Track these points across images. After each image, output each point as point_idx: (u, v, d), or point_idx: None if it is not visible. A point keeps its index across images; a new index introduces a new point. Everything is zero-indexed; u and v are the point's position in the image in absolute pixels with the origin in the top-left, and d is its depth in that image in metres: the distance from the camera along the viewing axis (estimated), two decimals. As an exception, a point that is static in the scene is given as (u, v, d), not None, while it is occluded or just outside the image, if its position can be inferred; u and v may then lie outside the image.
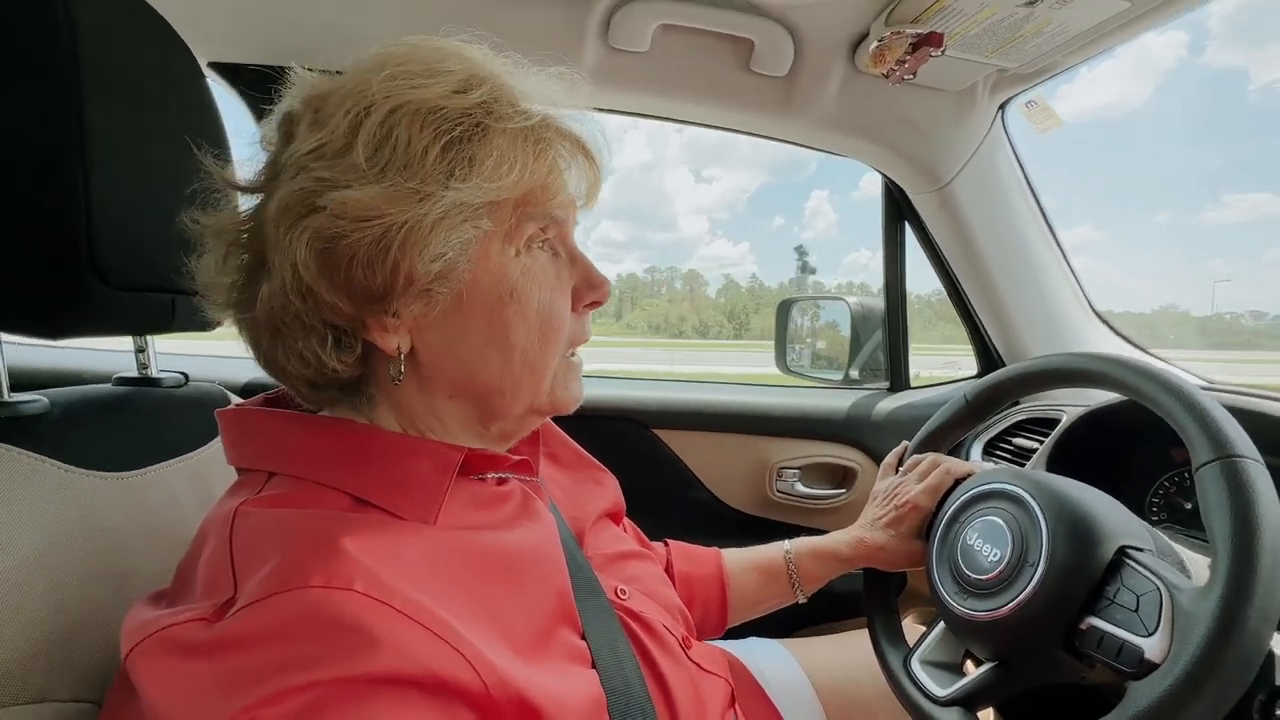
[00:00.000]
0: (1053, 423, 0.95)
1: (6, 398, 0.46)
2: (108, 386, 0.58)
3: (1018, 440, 0.99)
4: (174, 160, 0.49)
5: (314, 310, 0.41)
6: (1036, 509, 0.57)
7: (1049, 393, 0.95)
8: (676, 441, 1.15)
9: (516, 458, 0.50)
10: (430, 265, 0.41)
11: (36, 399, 0.47)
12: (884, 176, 1.11)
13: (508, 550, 0.44)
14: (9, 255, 0.43)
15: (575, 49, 0.84)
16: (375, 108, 0.40)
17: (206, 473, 0.58)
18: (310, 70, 0.44)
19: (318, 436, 0.43)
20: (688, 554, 0.77)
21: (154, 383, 0.61)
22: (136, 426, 0.55)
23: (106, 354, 1.12)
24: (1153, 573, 0.50)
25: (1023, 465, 0.93)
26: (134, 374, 0.61)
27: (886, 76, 0.81)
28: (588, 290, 0.50)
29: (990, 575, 0.57)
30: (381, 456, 0.43)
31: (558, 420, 0.68)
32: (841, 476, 1.19)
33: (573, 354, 0.51)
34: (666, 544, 0.77)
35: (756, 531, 1.17)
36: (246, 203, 0.45)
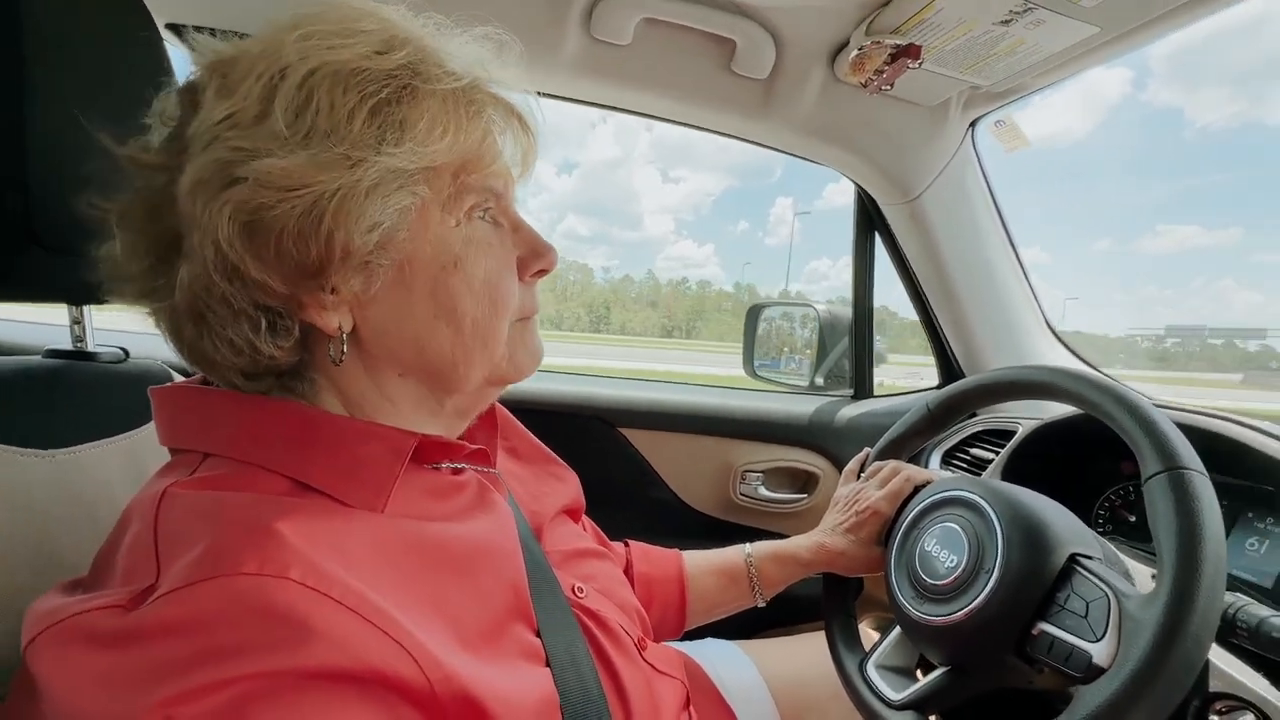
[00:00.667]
0: (1008, 434, 0.98)
1: None
2: (37, 359, 0.54)
3: (975, 450, 1.01)
4: (125, 124, 0.46)
5: (242, 291, 0.38)
6: (993, 516, 0.59)
7: (1006, 405, 0.99)
8: (641, 441, 1.14)
9: (473, 446, 0.49)
10: (368, 235, 0.39)
11: None
12: (856, 185, 1.13)
13: (460, 542, 0.42)
14: None
15: (556, 37, 0.83)
16: (290, 70, 0.37)
17: (143, 455, 0.54)
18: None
19: (259, 417, 0.41)
20: (648, 555, 0.77)
21: (89, 357, 0.57)
22: (68, 403, 0.51)
23: (40, 327, 1.06)
24: (1101, 580, 0.51)
25: (979, 475, 0.95)
26: (68, 347, 0.57)
27: (864, 86, 0.82)
28: (534, 258, 0.48)
29: (947, 581, 0.58)
30: (328, 440, 0.41)
31: (522, 414, 0.67)
32: (804, 481, 1.20)
33: (526, 318, 0.50)
34: (627, 544, 0.77)
35: (718, 534, 1.17)
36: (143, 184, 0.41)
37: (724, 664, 0.81)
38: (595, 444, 1.12)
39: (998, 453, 0.96)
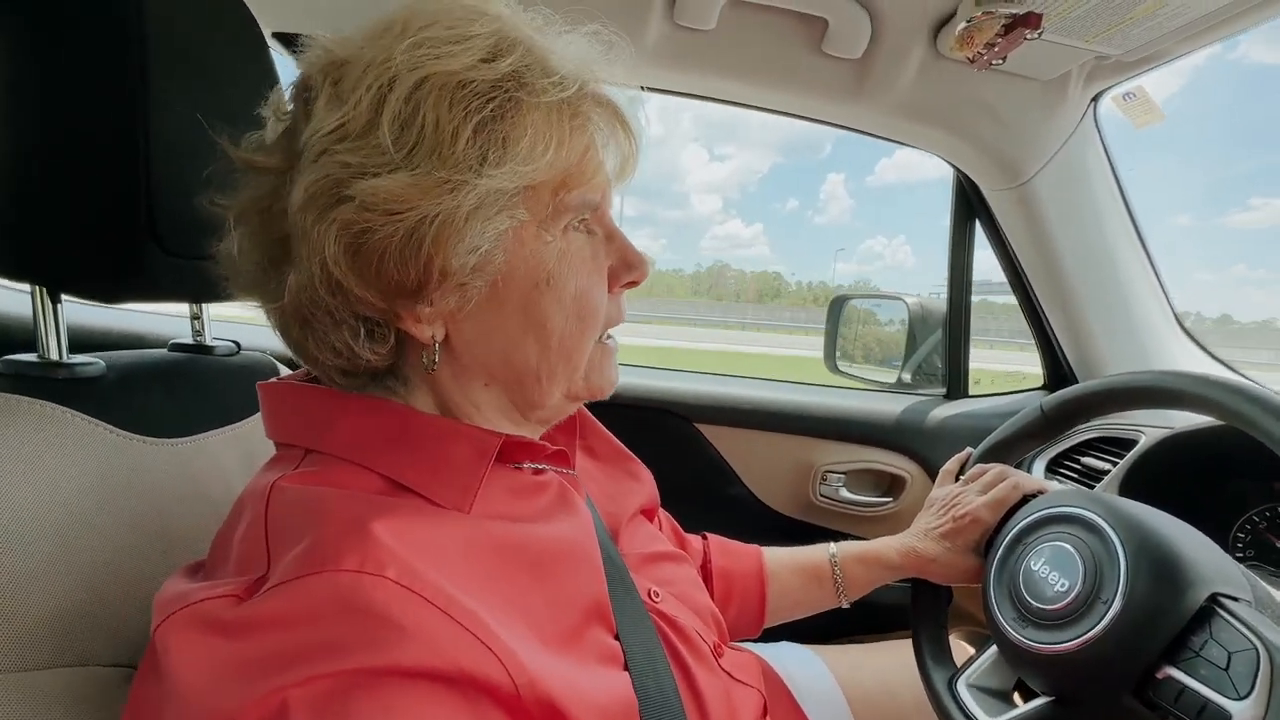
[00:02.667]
0: (1127, 443, 0.89)
1: (65, 359, 0.47)
2: (163, 352, 0.59)
3: (1087, 460, 0.93)
4: (237, 129, 0.49)
5: (344, 305, 0.39)
6: (1115, 540, 0.53)
7: (1126, 411, 0.89)
8: (718, 437, 1.12)
9: (554, 448, 0.49)
10: (465, 259, 0.39)
11: (94, 362, 0.48)
12: (956, 170, 1.05)
13: (543, 544, 0.42)
14: (73, 220, 0.44)
15: (638, 24, 0.81)
16: (399, 81, 0.37)
17: (252, 443, 0.58)
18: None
19: (355, 416, 0.42)
20: (727, 549, 0.75)
21: (207, 350, 0.62)
22: (188, 394, 0.55)
23: (166, 319, 1.16)
24: (1250, 629, 0.45)
25: (1091, 487, 0.87)
26: (189, 341, 0.62)
27: (972, 61, 0.75)
28: (625, 270, 0.47)
29: (1056, 606, 0.54)
30: (418, 439, 0.42)
31: (599, 409, 0.67)
32: (889, 484, 1.14)
33: (608, 337, 0.49)
34: (705, 538, 0.75)
35: (796, 535, 1.13)
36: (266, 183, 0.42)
37: (799, 669, 0.78)
38: (672, 440, 1.11)
39: (1115, 464, 0.87)
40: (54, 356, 0.46)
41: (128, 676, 0.41)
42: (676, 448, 1.12)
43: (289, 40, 0.88)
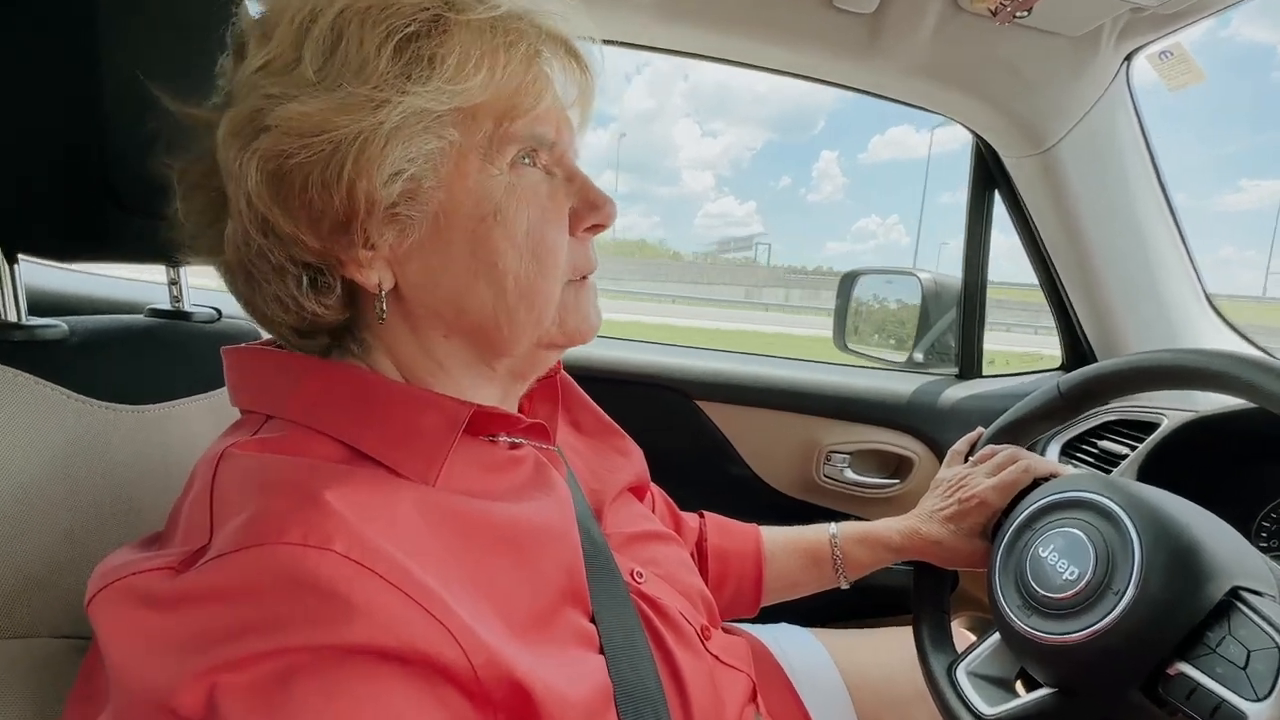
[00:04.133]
0: (1148, 426, 0.85)
1: (24, 321, 0.45)
2: (138, 317, 0.58)
3: (1104, 443, 0.89)
4: (197, 84, 0.46)
5: (278, 246, 0.37)
6: (1130, 527, 0.50)
7: (1148, 393, 0.85)
8: (720, 414, 1.09)
9: (530, 420, 0.46)
10: (390, 185, 0.36)
11: (55, 324, 0.46)
12: (975, 136, 0.99)
13: (514, 522, 0.41)
14: (26, 178, 0.42)
15: None
16: (322, 12, 0.36)
17: (229, 412, 0.57)
18: None
19: (316, 379, 0.40)
20: (724, 528, 0.74)
21: (185, 316, 0.60)
22: (163, 360, 0.54)
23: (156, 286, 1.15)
24: (1273, 626, 0.42)
25: (1107, 472, 0.84)
26: (166, 307, 0.61)
27: (994, 14, 0.70)
28: (588, 211, 0.44)
29: (1063, 595, 0.52)
30: (383, 405, 0.40)
31: (596, 382, 0.65)
32: (896, 466, 1.11)
33: (583, 278, 0.46)
34: (702, 516, 0.74)
35: (798, 515, 1.10)
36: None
37: (796, 652, 0.77)
38: (671, 416, 1.09)
39: (1133, 448, 0.84)
40: (11, 318, 0.45)
41: (81, 648, 0.40)
42: (676, 424, 1.09)
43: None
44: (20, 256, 0.46)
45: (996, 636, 0.60)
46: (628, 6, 0.76)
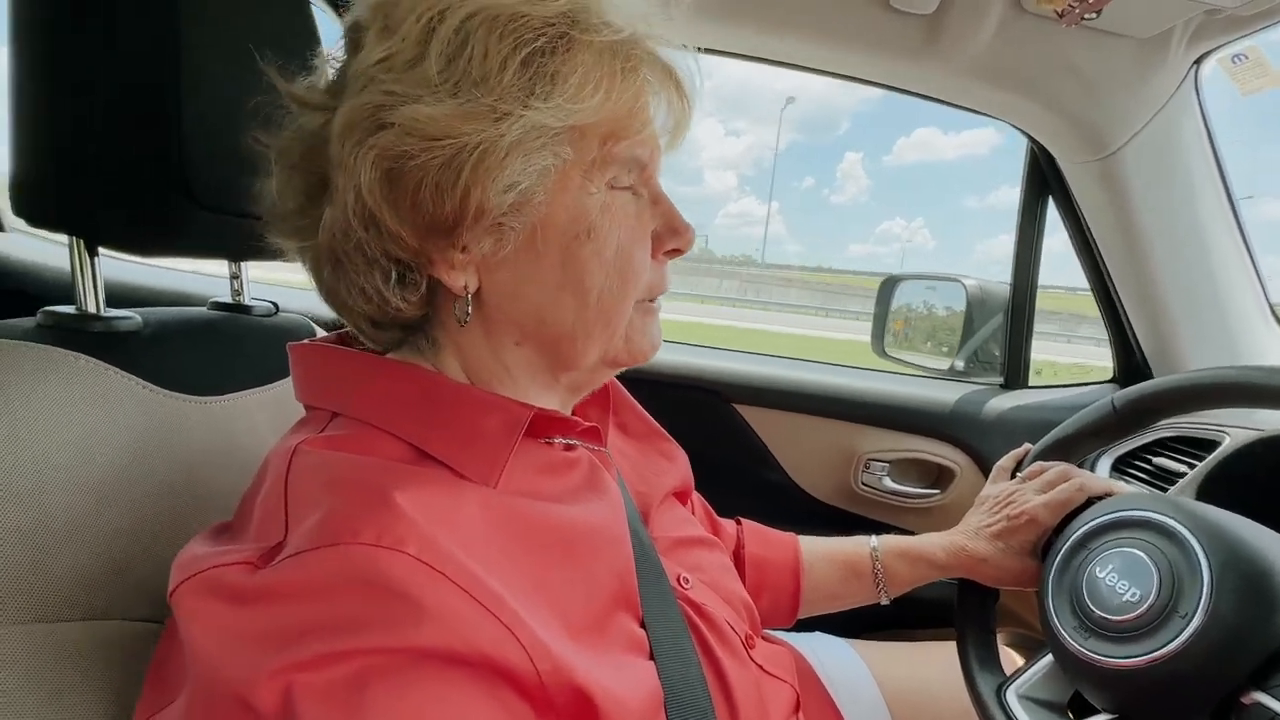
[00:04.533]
0: (1207, 444, 0.82)
1: (102, 312, 0.47)
2: (202, 310, 0.59)
3: (1160, 460, 0.85)
4: (265, 80, 0.47)
5: (377, 240, 0.38)
6: (1196, 549, 0.49)
7: (1207, 410, 0.82)
8: (757, 418, 1.08)
9: (587, 424, 0.47)
10: (504, 195, 0.37)
11: (130, 316, 0.48)
12: (1031, 141, 0.96)
13: (571, 524, 0.41)
14: (108, 174, 0.44)
15: None
16: (450, 13, 0.36)
17: (287, 405, 0.58)
18: None
19: (384, 379, 0.41)
20: (762, 536, 0.73)
21: (245, 310, 0.62)
22: (225, 352, 0.55)
23: (216, 280, 1.19)
24: None
25: (1163, 490, 0.81)
26: (228, 300, 0.62)
27: (1060, 16, 0.68)
28: (669, 236, 0.45)
29: (1124, 617, 0.50)
30: (447, 407, 0.40)
31: (633, 384, 0.65)
32: (936, 476, 1.09)
33: (651, 300, 0.47)
34: (739, 522, 0.73)
35: (835, 524, 1.09)
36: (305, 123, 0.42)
37: (834, 663, 0.76)
38: (708, 419, 1.08)
39: (1192, 466, 0.80)
40: (91, 309, 0.46)
41: (155, 632, 0.41)
42: (712, 428, 1.09)
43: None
44: (100, 250, 0.47)
45: (1049, 658, 0.58)
46: (683, 9, 0.76)
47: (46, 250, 1.09)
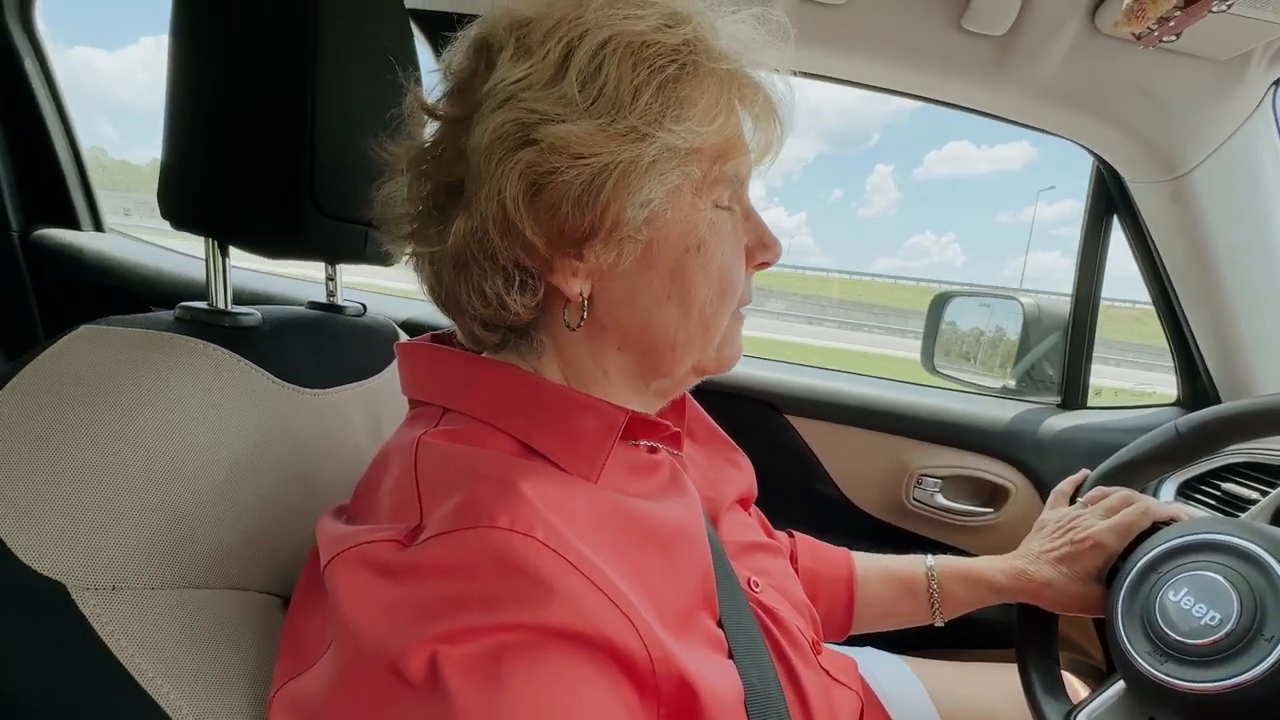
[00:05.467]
0: (1278, 470, 0.79)
1: (230, 308, 0.50)
2: (303, 309, 0.63)
3: (1229, 486, 0.83)
4: (376, 98, 0.51)
5: (509, 248, 0.40)
6: (1278, 571, 0.47)
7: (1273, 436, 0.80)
8: (809, 430, 1.09)
9: (674, 428, 0.48)
10: (639, 211, 0.39)
11: (251, 313, 0.52)
12: (1098, 160, 0.96)
13: (661, 521, 0.43)
14: (245, 181, 0.47)
15: (767, 2, 0.78)
16: (587, 37, 0.38)
17: (376, 400, 0.62)
18: None
19: (490, 379, 0.43)
20: (815, 551, 0.73)
21: (339, 309, 0.66)
22: (326, 349, 0.59)
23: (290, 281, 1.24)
24: None
25: (1234, 516, 0.79)
26: (324, 300, 0.66)
27: (1138, 38, 0.68)
28: (760, 249, 0.48)
29: (1204, 641, 0.49)
30: (551, 406, 0.42)
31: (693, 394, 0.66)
32: (990, 494, 1.08)
33: (740, 311, 0.49)
34: (791, 535, 0.74)
35: (886, 539, 1.09)
36: (433, 132, 0.44)
37: (890, 680, 0.76)
38: (760, 429, 1.09)
39: (1264, 492, 0.78)
40: (221, 305, 0.50)
41: (277, 604, 0.45)
42: (764, 438, 1.09)
43: (420, 17, 0.92)
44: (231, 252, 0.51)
45: (1119, 685, 0.57)
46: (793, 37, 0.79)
47: (143, 250, 1.16)
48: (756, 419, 1.09)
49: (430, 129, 0.45)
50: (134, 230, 1.30)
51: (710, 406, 0.67)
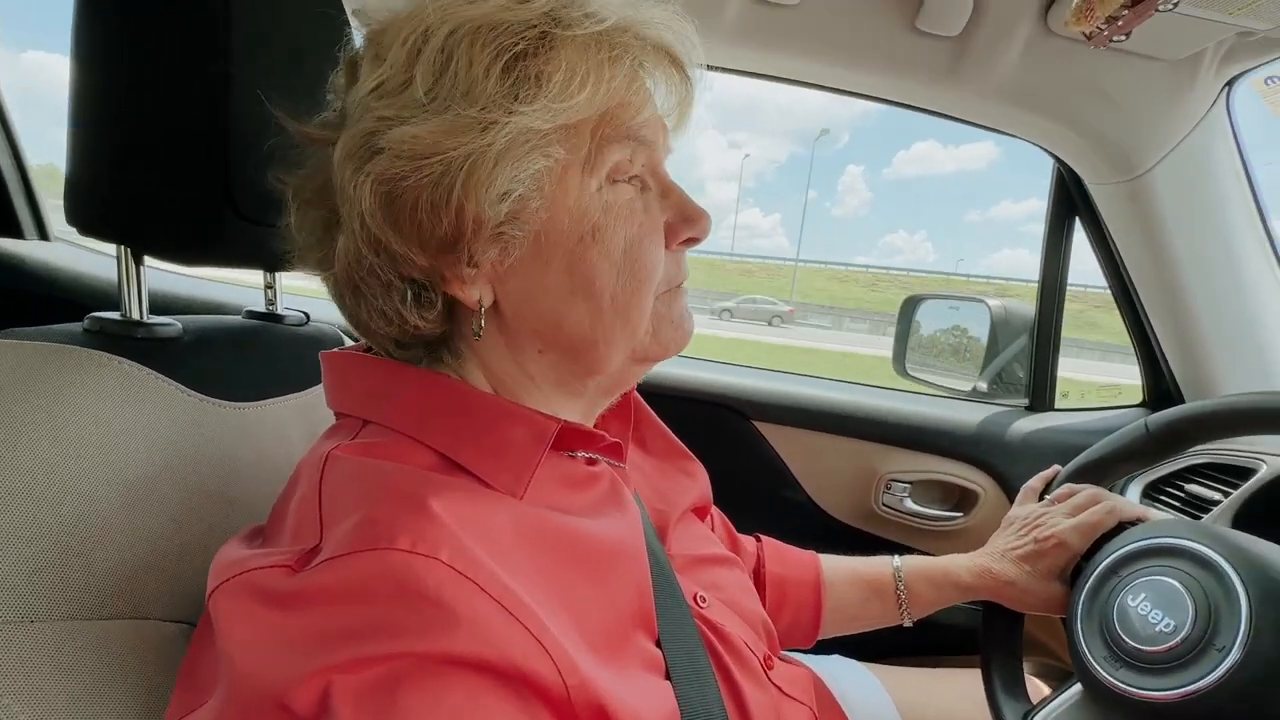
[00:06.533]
0: (1243, 472, 0.80)
1: (145, 319, 0.48)
2: (238, 318, 0.61)
3: (1192, 487, 0.83)
4: (300, 93, 0.49)
5: (389, 264, 0.38)
6: (1234, 580, 0.48)
7: (1243, 436, 0.80)
8: (777, 436, 1.08)
9: (611, 439, 0.47)
10: (498, 205, 0.37)
11: (171, 323, 0.49)
12: (1058, 162, 0.96)
13: (594, 539, 0.41)
14: (158, 186, 0.45)
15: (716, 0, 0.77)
16: (433, 32, 0.36)
17: (314, 412, 0.59)
18: None
19: (414, 390, 0.41)
20: (782, 555, 0.72)
21: (278, 319, 0.63)
22: (258, 360, 0.57)
23: (245, 290, 1.22)
24: None
25: (1197, 518, 0.79)
26: (262, 309, 0.64)
27: (1089, 38, 0.68)
28: (684, 225, 0.44)
29: (1158, 648, 0.49)
30: (475, 418, 0.40)
31: (654, 400, 0.65)
32: (959, 498, 1.07)
33: (676, 287, 0.46)
34: (759, 539, 0.72)
35: (854, 544, 1.08)
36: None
37: (853, 688, 0.74)
38: (728, 436, 1.08)
39: (1227, 494, 0.78)
40: (135, 316, 0.48)
41: (186, 633, 0.42)
42: (732, 445, 1.08)
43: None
44: (146, 259, 0.49)
45: (1077, 688, 0.57)
46: (710, 30, 0.78)
47: (93, 260, 1.12)
48: (724, 425, 1.08)
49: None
50: (86, 241, 1.26)
51: (675, 413, 0.65)
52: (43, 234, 1.16)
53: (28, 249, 1.12)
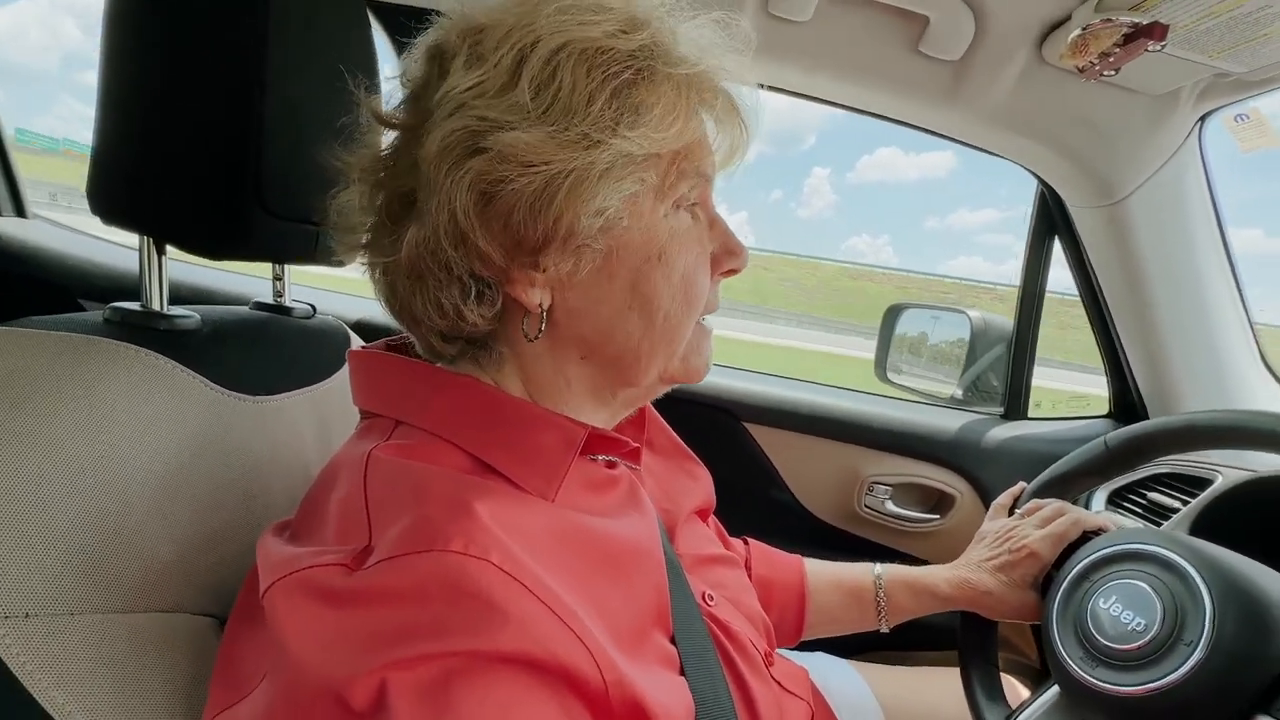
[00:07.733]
0: (1200, 482, 0.85)
1: (165, 310, 0.48)
2: (247, 310, 0.60)
3: (1154, 496, 0.89)
4: (331, 96, 0.49)
5: (464, 259, 0.39)
6: (1197, 580, 0.51)
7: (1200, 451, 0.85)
8: (766, 438, 1.10)
9: (634, 444, 0.48)
10: (592, 219, 0.39)
11: (190, 314, 0.49)
12: (1042, 184, 1.00)
13: (618, 540, 0.42)
14: (184, 177, 0.45)
15: (731, 13, 0.79)
16: (540, 44, 0.38)
17: (324, 406, 0.59)
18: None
19: (448, 392, 0.42)
20: (768, 558, 0.74)
21: (286, 311, 0.63)
22: (270, 353, 0.56)
23: (239, 277, 1.19)
24: None
25: (1158, 524, 0.84)
26: (270, 301, 0.63)
27: (1081, 71, 0.71)
28: (726, 257, 0.47)
29: (1130, 646, 0.52)
30: (509, 422, 0.41)
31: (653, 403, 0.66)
32: (937, 501, 1.11)
33: (703, 319, 0.49)
34: (746, 542, 0.74)
35: (838, 545, 1.11)
36: (388, 140, 0.43)
37: (838, 684, 0.77)
38: (719, 437, 1.10)
39: (1185, 502, 0.84)
40: (156, 306, 0.47)
41: (214, 627, 0.42)
42: (722, 446, 1.10)
43: (379, 9, 0.89)
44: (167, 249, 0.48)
45: (1054, 690, 0.59)
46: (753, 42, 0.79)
47: (70, 239, 1.08)
48: (715, 426, 1.10)
49: (387, 137, 0.43)
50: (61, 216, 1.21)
51: (669, 414, 0.66)
52: (20, 210, 1.11)
53: (2, 225, 1.07)
